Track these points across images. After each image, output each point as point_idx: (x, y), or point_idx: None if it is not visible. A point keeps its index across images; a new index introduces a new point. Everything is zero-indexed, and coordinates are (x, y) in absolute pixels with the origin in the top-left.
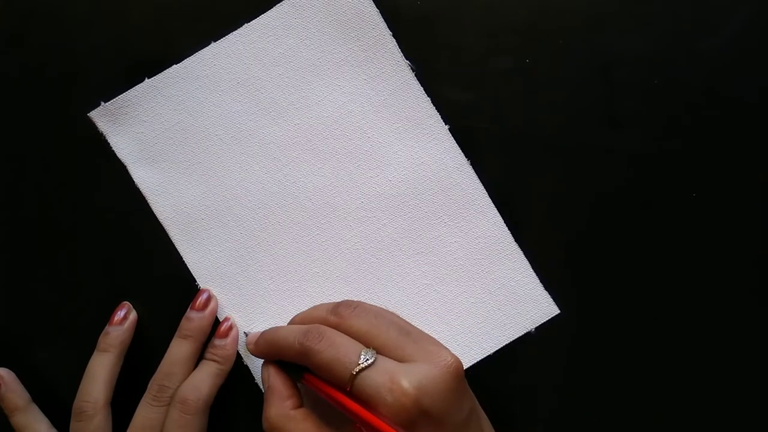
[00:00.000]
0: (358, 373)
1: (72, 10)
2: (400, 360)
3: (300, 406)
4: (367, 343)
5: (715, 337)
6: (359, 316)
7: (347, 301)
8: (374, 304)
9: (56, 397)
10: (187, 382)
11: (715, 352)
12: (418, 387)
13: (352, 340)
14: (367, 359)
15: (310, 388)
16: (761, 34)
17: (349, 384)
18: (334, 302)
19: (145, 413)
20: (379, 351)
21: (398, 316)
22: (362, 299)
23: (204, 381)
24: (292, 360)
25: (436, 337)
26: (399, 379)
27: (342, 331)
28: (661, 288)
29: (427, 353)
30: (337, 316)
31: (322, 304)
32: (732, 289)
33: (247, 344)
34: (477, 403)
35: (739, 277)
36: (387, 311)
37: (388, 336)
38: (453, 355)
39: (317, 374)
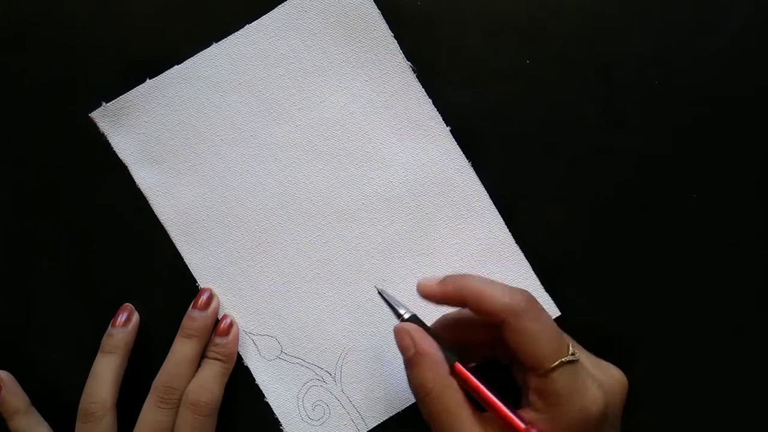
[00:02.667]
0: (565, 363)
1: (74, 10)
2: None
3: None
4: None
5: (716, 337)
6: (545, 312)
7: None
8: (374, 305)
9: (56, 399)
10: (194, 383)
11: (715, 352)
12: (606, 398)
13: (558, 328)
14: (574, 354)
15: (457, 379)
16: (761, 34)
17: (549, 370)
18: (506, 285)
19: (153, 416)
20: None
21: None
22: (363, 301)
23: (212, 381)
24: (485, 313)
25: None
26: (595, 387)
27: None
28: (661, 289)
29: (601, 364)
30: (534, 303)
31: (493, 281)
32: (732, 290)
33: (423, 286)
34: None
35: (740, 278)
36: None
37: (571, 340)
38: (621, 371)
39: (514, 340)
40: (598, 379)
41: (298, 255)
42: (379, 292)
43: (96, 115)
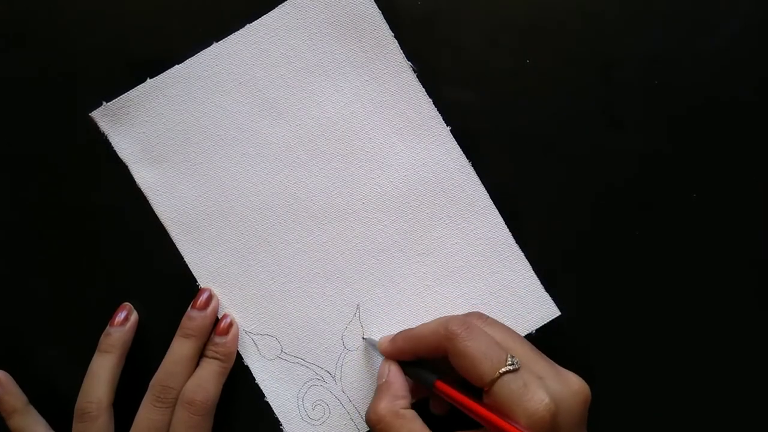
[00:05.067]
0: (502, 374)
1: (74, 9)
2: None
3: (410, 408)
4: None
5: (716, 338)
6: (492, 325)
7: (476, 312)
8: (374, 304)
9: (55, 398)
10: (191, 382)
11: (715, 353)
12: (557, 403)
13: (497, 342)
14: (513, 363)
15: (440, 395)
16: (760, 34)
17: (490, 384)
18: (456, 315)
19: (148, 415)
20: None
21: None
22: (363, 300)
23: (209, 381)
24: (430, 351)
25: None
26: (541, 391)
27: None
28: (661, 289)
29: (558, 373)
30: (469, 324)
31: (445, 317)
32: (732, 290)
33: (380, 346)
34: None
35: (740, 278)
36: (514, 331)
37: (522, 349)
38: (583, 381)
39: (456, 364)
40: (547, 385)
41: (298, 254)
42: (364, 339)
43: (96, 114)
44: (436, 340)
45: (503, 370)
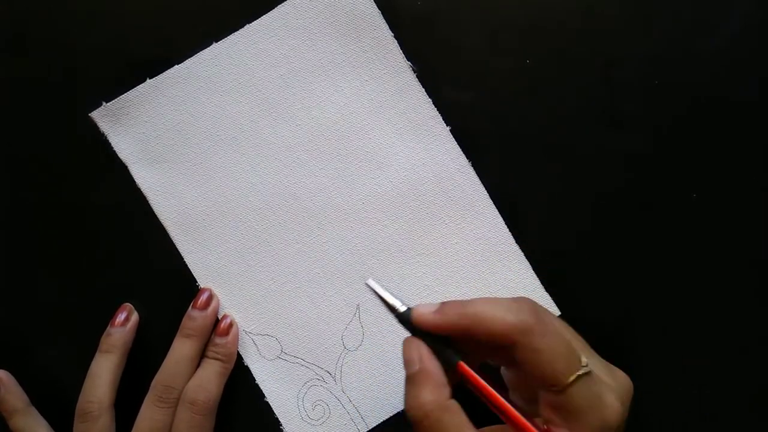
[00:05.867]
0: (580, 376)
1: (74, 9)
2: None
3: (452, 397)
4: None
5: (716, 338)
6: (552, 319)
7: (528, 300)
8: (374, 304)
9: (56, 398)
10: (193, 382)
11: (716, 353)
12: (623, 405)
13: (568, 341)
14: (587, 365)
15: (463, 380)
16: (761, 34)
17: (564, 386)
18: (508, 300)
19: (150, 415)
20: None
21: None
22: (363, 300)
23: (211, 381)
24: (488, 336)
25: None
26: (612, 396)
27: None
28: (661, 289)
29: (609, 369)
30: (541, 317)
31: (509, 302)
32: (733, 290)
33: (418, 316)
34: None
35: (740, 278)
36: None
37: (581, 345)
38: (627, 375)
39: (526, 358)
40: (611, 387)
41: (298, 254)
42: (369, 286)
43: (96, 114)
44: (506, 329)
45: (580, 372)
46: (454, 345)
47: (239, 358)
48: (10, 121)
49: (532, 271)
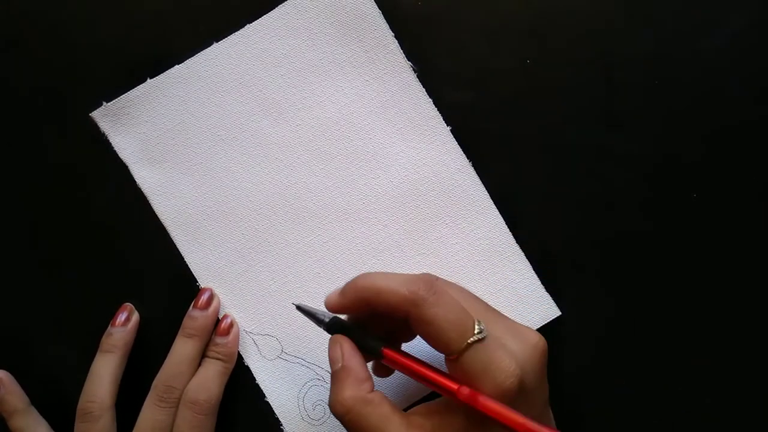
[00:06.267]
0: (472, 343)
1: (74, 9)
2: None
3: (374, 389)
4: None
5: (716, 338)
6: (451, 286)
7: (427, 274)
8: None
9: (56, 398)
10: (194, 382)
11: (716, 353)
12: (522, 367)
13: (463, 306)
14: (481, 330)
15: (388, 364)
16: (761, 34)
17: (458, 353)
18: (407, 274)
19: (152, 415)
20: None
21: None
22: None
23: (212, 380)
24: (387, 309)
25: None
26: (507, 358)
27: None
28: (662, 289)
29: (516, 331)
30: (435, 288)
31: (406, 276)
32: (733, 290)
33: (328, 301)
34: None
35: (740, 278)
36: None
37: (482, 310)
38: (538, 333)
39: (420, 330)
40: (511, 350)
41: (298, 255)
42: (297, 308)
43: (96, 114)
44: (397, 301)
45: (471, 339)
46: (374, 335)
47: (240, 358)
48: (10, 121)
49: (533, 271)
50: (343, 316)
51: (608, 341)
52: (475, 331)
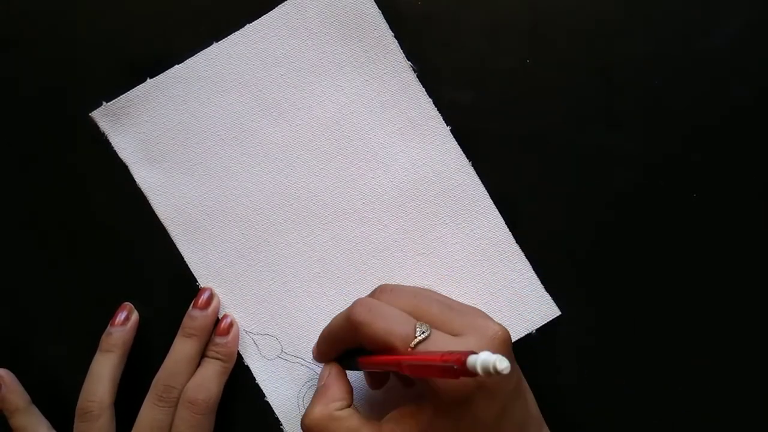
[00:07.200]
0: (415, 347)
1: (74, 9)
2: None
3: (349, 407)
4: None
5: (716, 338)
6: (399, 296)
7: (383, 285)
8: None
9: (56, 398)
10: (193, 381)
11: (716, 353)
12: None
13: (403, 313)
14: (423, 332)
15: (367, 370)
16: (761, 34)
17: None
18: (361, 299)
19: (151, 414)
20: None
21: (437, 293)
22: None
23: (211, 380)
24: (347, 342)
25: None
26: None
27: None
28: (662, 289)
29: (475, 326)
30: (370, 306)
31: (350, 306)
32: (733, 290)
33: (313, 357)
34: (521, 373)
35: (740, 278)
36: (424, 289)
37: (431, 312)
38: (499, 325)
39: (372, 349)
40: (462, 343)
41: (298, 254)
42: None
43: (96, 114)
44: (344, 334)
45: (414, 343)
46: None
47: (239, 357)
48: (10, 121)
49: (533, 271)
50: None
51: (608, 341)
52: (416, 334)
